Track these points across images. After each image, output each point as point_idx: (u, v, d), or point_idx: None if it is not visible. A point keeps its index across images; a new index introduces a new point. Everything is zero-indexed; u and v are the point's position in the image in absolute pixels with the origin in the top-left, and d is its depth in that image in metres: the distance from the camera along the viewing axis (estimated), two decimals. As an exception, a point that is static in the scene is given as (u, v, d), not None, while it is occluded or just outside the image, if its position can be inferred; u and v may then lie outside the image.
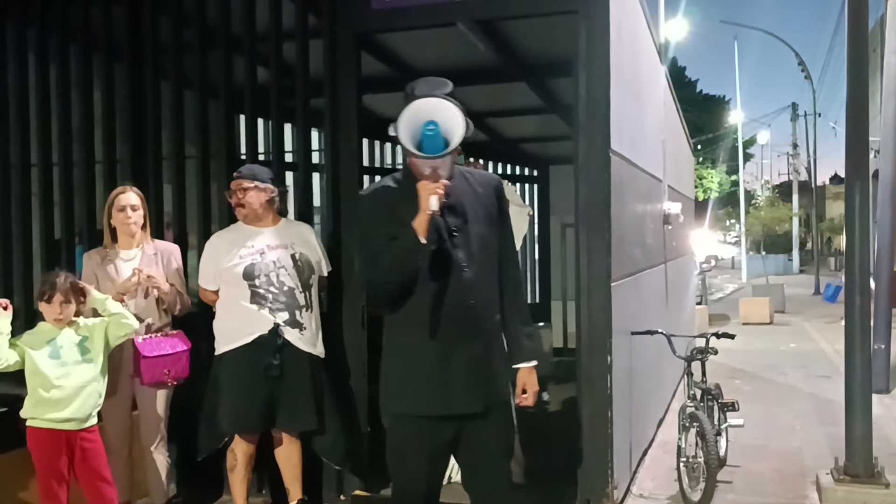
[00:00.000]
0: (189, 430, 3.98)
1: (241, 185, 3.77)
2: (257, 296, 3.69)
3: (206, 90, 4.44)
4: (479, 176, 2.83)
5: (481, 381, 2.65)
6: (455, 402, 2.61)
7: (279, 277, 3.72)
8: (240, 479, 3.81)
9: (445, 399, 2.61)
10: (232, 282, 3.73)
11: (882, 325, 7.36)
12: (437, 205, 2.49)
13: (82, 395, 3.36)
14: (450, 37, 4.62)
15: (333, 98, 4.23)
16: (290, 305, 3.74)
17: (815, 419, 6.35)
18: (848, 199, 4.54)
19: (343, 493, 4.25)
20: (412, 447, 2.68)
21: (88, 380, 3.38)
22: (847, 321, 4.48)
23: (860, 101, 4.63)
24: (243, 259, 3.72)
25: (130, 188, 3.89)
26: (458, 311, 2.61)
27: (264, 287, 3.70)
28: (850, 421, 4.43)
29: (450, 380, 2.61)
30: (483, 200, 2.74)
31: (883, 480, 4.32)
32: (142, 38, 4.48)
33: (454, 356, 2.61)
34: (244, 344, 3.69)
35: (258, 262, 3.71)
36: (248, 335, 3.68)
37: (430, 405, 2.63)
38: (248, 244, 3.75)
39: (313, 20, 4.32)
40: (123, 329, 3.48)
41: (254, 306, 3.69)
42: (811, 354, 10.14)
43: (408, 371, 2.67)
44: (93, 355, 3.41)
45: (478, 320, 2.65)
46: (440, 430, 2.65)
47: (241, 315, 3.70)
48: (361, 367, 4.23)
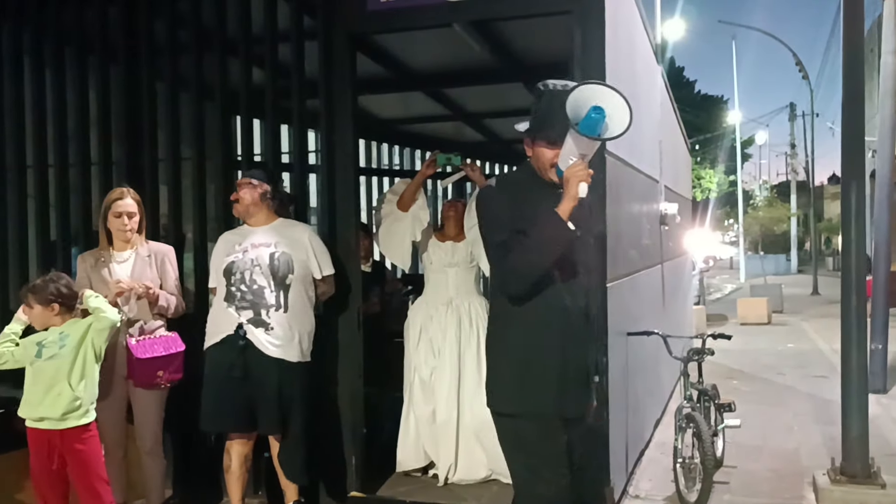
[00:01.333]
0: (185, 431, 3.97)
1: (239, 182, 3.85)
2: (230, 294, 3.72)
3: (201, 92, 4.44)
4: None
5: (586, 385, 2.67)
6: (569, 405, 2.61)
7: (252, 276, 3.70)
8: (235, 480, 3.81)
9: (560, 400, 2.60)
10: (218, 280, 3.79)
11: (879, 325, 7.36)
12: (585, 191, 2.42)
13: (51, 393, 3.33)
14: (445, 38, 4.62)
15: (329, 99, 4.23)
16: (255, 304, 3.68)
17: (812, 419, 6.35)
18: (844, 199, 4.54)
19: (339, 495, 4.24)
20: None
21: (55, 377, 3.33)
22: (843, 321, 4.48)
23: (856, 101, 4.63)
24: (229, 257, 3.75)
25: (128, 192, 3.87)
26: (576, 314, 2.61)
27: (237, 285, 3.71)
28: (847, 421, 4.43)
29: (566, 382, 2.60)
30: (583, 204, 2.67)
31: (879, 481, 4.31)
32: (137, 40, 4.47)
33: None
34: (214, 343, 3.72)
35: (238, 259, 3.73)
36: (218, 334, 3.71)
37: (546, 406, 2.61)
38: (241, 243, 3.78)
39: (308, 21, 4.32)
40: (102, 322, 3.41)
41: (224, 304, 3.71)
42: (809, 354, 10.14)
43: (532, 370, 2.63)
44: (65, 352, 3.35)
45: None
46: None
47: (217, 313, 3.77)
48: (357, 369, 4.23)
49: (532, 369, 2.59)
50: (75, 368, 3.36)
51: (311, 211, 4.72)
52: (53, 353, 3.35)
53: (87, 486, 3.41)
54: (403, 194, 4.54)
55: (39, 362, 3.36)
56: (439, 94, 6.30)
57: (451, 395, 4.48)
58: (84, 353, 3.39)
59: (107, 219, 3.82)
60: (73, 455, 3.37)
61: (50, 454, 3.35)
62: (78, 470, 3.39)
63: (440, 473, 4.49)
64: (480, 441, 4.43)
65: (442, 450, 4.49)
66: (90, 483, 3.41)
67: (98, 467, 3.45)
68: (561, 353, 2.58)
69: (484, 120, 7.42)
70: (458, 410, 4.49)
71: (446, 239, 4.69)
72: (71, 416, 3.35)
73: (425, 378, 4.54)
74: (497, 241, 2.58)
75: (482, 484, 4.45)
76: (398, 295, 5.93)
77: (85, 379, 3.39)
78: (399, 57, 5.37)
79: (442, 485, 4.45)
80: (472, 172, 4.55)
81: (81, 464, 3.39)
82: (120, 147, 4.52)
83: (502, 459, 4.37)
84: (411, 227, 4.56)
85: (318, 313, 3.99)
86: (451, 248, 4.64)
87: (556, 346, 2.58)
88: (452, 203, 4.80)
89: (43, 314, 3.38)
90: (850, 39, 4.64)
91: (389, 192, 4.72)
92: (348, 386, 4.19)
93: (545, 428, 2.60)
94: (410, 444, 4.57)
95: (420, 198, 4.58)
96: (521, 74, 5.61)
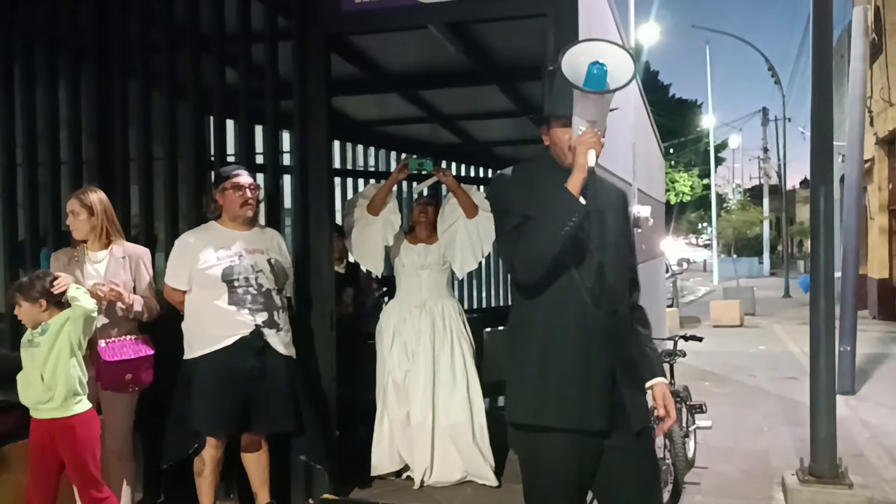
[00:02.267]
0: (156, 435, 3.93)
1: (248, 181, 3.76)
2: (236, 297, 3.67)
3: (174, 91, 4.40)
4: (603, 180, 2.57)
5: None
6: (593, 416, 2.36)
7: (258, 280, 3.71)
8: (207, 485, 3.77)
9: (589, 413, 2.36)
10: (207, 283, 3.68)
11: (848, 328, 7.47)
12: (594, 160, 2.25)
13: (23, 381, 3.33)
14: (421, 39, 4.61)
15: (303, 100, 4.21)
16: (268, 306, 3.73)
17: (782, 421, 6.43)
18: (813, 203, 4.60)
19: (312, 497, 4.22)
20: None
21: (31, 366, 3.31)
22: (812, 324, 4.54)
23: (825, 106, 4.70)
24: (221, 261, 3.68)
25: (87, 192, 3.78)
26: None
27: (243, 288, 3.67)
28: (815, 422, 4.49)
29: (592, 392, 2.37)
30: (612, 198, 2.53)
31: (847, 481, 4.38)
32: (109, 38, 4.42)
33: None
34: (225, 346, 3.64)
35: (236, 264, 3.69)
36: (228, 337, 3.65)
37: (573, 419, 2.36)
38: (226, 246, 3.72)
39: (283, 21, 4.29)
40: (76, 311, 3.35)
41: (233, 307, 3.66)
42: (780, 356, 10.27)
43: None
44: (42, 340, 3.31)
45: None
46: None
47: (220, 317, 3.66)
48: (331, 371, 4.21)
49: (550, 375, 2.35)
50: (49, 359, 3.30)
51: (285, 212, 4.70)
52: (31, 340, 3.34)
53: (76, 482, 3.35)
54: (374, 198, 4.51)
55: (23, 350, 3.36)
56: (414, 96, 6.29)
57: (427, 398, 4.47)
58: (59, 343, 3.32)
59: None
60: (61, 449, 3.31)
61: (39, 445, 3.32)
62: (67, 467, 3.34)
63: (416, 476, 4.48)
64: (455, 443, 4.44)
65: (417, 453, 4.48)
66: (76, 480, 3.34)
67: (84, 466, 3.33)
68: (584, 357, 2.34)
69: (459, 122, 7.41)
70: (433, 413, 4.48)
71: (418, 241, 4.68)
72: (43, 407, 3.31)
73: (399, 381, 4.53)
74: (508, 228, 2.41)
75: (457, 486, 4.45)
76: (372, 297, 5.91)
77: (58, 370, 3.30)
78: (374, 58, 5.35)
79: (417, 487, 4.45)
80: (445, 177, 4.55)
81: (66, 459, 3.32)
82: (91, 146, 4.47)
83: (476, 461, 4.43)
84: (383, 231, 4.54)
85: (291, 314, 3.98)
86: (423, 250, 4.64)
87: (578, 349, 2.34)
88: (423, 206, 4.78)
89: (31, 311, 3.35)
90: (819, 46, 4.72)
91: (360, 196, 4.69)
92: (321, 388, 4.17)
93: (564, 445, 2.34)
94: (385, 448, 4.56)
95: (391, 201, 4.56)
96: (496, 77, 5.62)
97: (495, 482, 4.43)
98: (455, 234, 4.59)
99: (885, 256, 15.10)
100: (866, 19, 8.46)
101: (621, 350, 2.40)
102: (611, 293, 2.39)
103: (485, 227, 4.53)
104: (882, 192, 15.22)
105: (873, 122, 14.64)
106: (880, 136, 14.80)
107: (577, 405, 2.33)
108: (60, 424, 3.31)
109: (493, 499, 4.31)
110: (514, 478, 4.51)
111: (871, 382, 8.23)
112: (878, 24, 13.97)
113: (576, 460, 2.36)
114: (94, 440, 3.39)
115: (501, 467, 4.55)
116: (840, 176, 13.07)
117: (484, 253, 4.64)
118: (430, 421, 4.47)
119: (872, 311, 14.92)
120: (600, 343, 2.35)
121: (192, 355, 3.71)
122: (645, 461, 2.45)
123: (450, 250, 4.60)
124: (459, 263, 4.62)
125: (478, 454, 4.45)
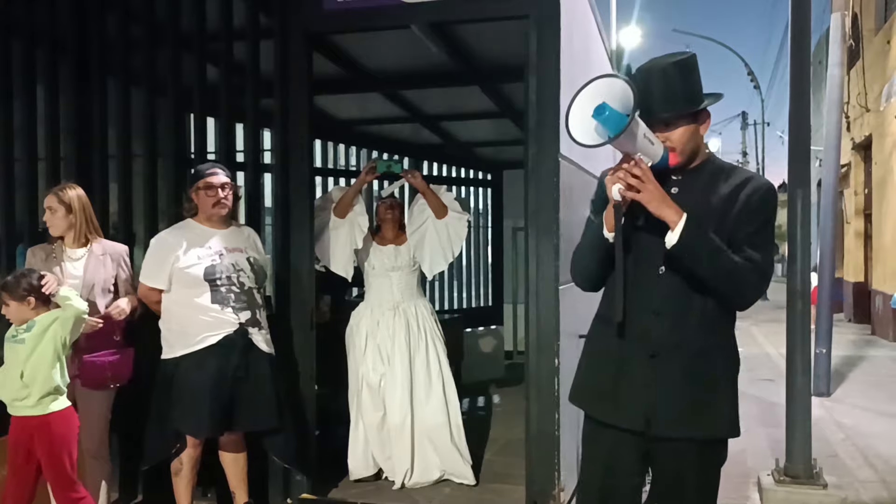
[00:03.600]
0: (133, 435, 3.90)
1: (221, 181, 3.71)
2: (219, 296, 3.64)
3: (154, 88, 4.37)
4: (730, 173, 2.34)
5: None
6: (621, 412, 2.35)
7: (239, 278, 3.70)
8: (185, 484, 3.74)
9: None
10: (188, 282, 3.64)
11: (823, 330, 7.55)
12: (618, 195, 2.13)
13: (1, 377, 3.30)
14: (403, 39, 4.61)
15: (284, 98, 4.19)
16: (251, 305, 3.72)
17: (758, 422, 6.49)
18: (790, 207, 4.64)
19: (290, 497, 4.21)
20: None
21: (12, 362, 3.26)
22: (789, 326, 4.59)
23: (803, 111, 4.75)
24: (202, 260, 3.65)
25: (58, 189, 3.73)
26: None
27: (226, 287, 3.65)
28: (791, 423, 4.54)
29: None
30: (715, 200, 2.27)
31: (821, 481, 4.43)
32: (88, 33, 4.38)
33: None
34: (209, 345, 3.61)
35: (217, 263, 3.66)
36: (212, 336, 3.62)
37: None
38: (205, 245, 3.69)
39: (264, 19, 4.28)
40: (68, 311, 3.32)
41: (216, 306, 3.63)
42: (757, 358, 10.35)
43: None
44: (27, 337, 3.27)
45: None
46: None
47: (203, 316, 3.63)
48: (310, 370, 4.20)
49: (591, 364, 2.46)
50: (32, 357, 3.25)
51: (266, 211, 4.68)
52: (15, 336, 3.30)
53: (51, 481, 3.30)
54: (341, 200, 4.46)
55: (6, 345, 3.32)
56: (396, 96, 6.29)
57: (405, 400, 4.44)
58: (45, 343, 3.27)
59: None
60: (38, 447, 3.27)
61: (15, 442, 3.28)
62: (43, 466, 3.30)
63: (396, 479, 4.46)
64: (433, 443, 4.44)
65: (396, 456, 4.46)
66: (52, 479, 3.29)
67: (60, 465, 3.29)
68: (618, 356, 2.34)
69: (441, 122, 7.43)
70: (411, 415, 4.46)
71: (387, 242, 4.64)
72: (20, 404, 3.27)
73: (374, 384, 4.48)
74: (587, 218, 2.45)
75: (434, 486, 4.45)
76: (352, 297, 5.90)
77: (39, 370, 3.25)
78: (356, 57, 5.35)
79: (398, 488, 4.43)
80: (414, 179, 4.52)
81: (42, 457, 3.28)
82: (69, 142, 4.42)
83: (454, 460, 4.44)
84: (350, 234, 4.48)
85: (269, 313, 3.96)
86: (393, 251, 4.60)
87: (615, 349, 2.34)
88: (389, 205, 4.69)
89: (19, 309, 3.31)
90: (797, 52, 4.76)
91: (325, 200, 4.60)
92: (300, 387, 4.16)
93: (594, 429, 2.44)
94: (360, 453, 4.51)
95: (358, 204, 4.50)
96: (478, 78, 5.64)
97: (473, 481, 4.44)
98: (424, 234, 4.56)
99: (860, 260, 15.29)
100: (844, 26, 8.56)
101: (672, 349, 2.27)
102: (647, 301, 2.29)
103: (454, 228, 4.52)
104: (858, 196, 15.41)
105: (850, 128, 14.83)
106: (857, 142, 14.99)
107: (608, 398, 2.35)
108: (37, 422, 3.27)
109: (472, 497, 4.32)
110: (491, 476, 4.55)
111: (846, 385, 8.32)
112: (855, 30, 14.16)
113: (601, 445, 2.40)
114: (72, 439, 3.35)
115: (479, 466, 4.57)
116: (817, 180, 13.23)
117: (454, 254, 4.60)
118: (410, 423, 4.44)
119: (848, 314, 15.10)
120: (636, 345, 2.29)
121: (173, 355, 3.67)
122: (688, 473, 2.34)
123: (419, 251, 4.57)
124: (429, 264, 4.59)
125: (456, 453, 4.45)
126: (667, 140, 2.23)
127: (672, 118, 2.24)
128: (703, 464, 2.35)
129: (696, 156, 2.32)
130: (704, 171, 2.32)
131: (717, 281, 2.19)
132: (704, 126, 2.31)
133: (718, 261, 2.16)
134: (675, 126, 2.24)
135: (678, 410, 2.27)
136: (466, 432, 4.56)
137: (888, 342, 11.97)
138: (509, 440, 5.33)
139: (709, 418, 2.28)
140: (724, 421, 2.31)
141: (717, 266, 2.16)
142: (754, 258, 2.20)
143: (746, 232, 2.21)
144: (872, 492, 4.68)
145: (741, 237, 2.21)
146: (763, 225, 2.24)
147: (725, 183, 2.28)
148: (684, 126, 2.25)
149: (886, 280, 12.75)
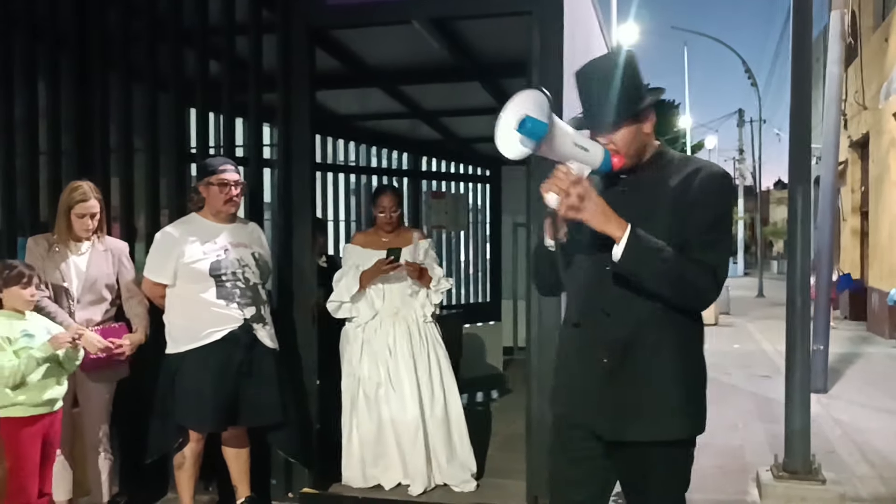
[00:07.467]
0: (134, 428, 3.91)
1: (234, 178, 3.71)
2: (224, 291, 3.64)
3: (156, 82, 4.36)
4: (682, 164, 2.28)
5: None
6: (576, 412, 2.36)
7: (244, 274, 3.71)
8: (188, 478, 3.75)
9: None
10: (194, 278, 3.63)
11: (821, 327, 7.58)
12: (554, 203, 2.07)
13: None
14: (404, 34, 4.62)
15: (286, 93, 4.19)
16: (256, 301, 3.74)
17: (756, 417, 6.51)
18: (791, 204, 4.66)
19: (291, 491, 4.22)
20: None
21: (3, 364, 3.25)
22: (788, 322, 4.60)
23: (803, 109, 4.76)
24: (207, 255, 3.64)
25: (91, 190, 3.70)
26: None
27: (231, 282, 3.66)
28: (790, 419, 4.56)
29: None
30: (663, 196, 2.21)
31: (820, 477, 4.45)
32: (89, 27, 4.38)
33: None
34: (214, 340, 3.61)
35: (223, 258, 3.66)
36: (217, 331, 3.62)
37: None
38: (211, 240, 3.68)
39: (267, 14, 4.27)
40: (69, 364, 3.43)
41: (221, 301, 3.64)
42: (754, 355, 10.39)
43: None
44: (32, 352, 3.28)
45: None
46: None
47: (209, 311, 3.63)
48: (312, 364, 4.21)
49: (557, 367, 2.44)
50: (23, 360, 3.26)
51: (267, 206, 4.67)
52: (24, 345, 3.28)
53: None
54: (362, 285, 4.30)
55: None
56: (397, 91, 6.29)
57: (415, 410, 4.23)
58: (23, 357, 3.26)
59: (69, 217, 3.66)
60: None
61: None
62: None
63: (416, 490, 4.20)
64: (437, 449, 4.29)
65: (412, 466, 4.23)
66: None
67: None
68: (576, 356, 2.34)
69: (441, 118, 7.43)
70: (423, 425, 4.24)
71: (382, 246, 4.40)
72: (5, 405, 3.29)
73: (371, 394, 4.27)
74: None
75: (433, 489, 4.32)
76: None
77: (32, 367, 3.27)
78: (358, 52, 5.35)
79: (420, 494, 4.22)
80: (409, 269, 4.29)
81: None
82: (69, 136, 4.42)
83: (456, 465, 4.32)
84: (356, 275, 4.33)
85: (272, 307, 3.97)
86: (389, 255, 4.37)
87: (575, 347, 2.34)
88: (384, 206, 4.40)
89: (35, 289, 3.36)
90: (798, 49, 4.77)
91: (338, 298, 4.36)
92: (302, 381, 4.16)
93: (559, 430, 2.41)
94: (355, 464, 4.32)
95: None
96: (479, 73, 5.64)
97: (474, 484, 4.34)
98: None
99: (856, 258, 15.34)
100: (843, 23, 8.57)
101: (621, 349, 2.22)
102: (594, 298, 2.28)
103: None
104: (855, 194, 15.45)
105: (847, 126, 14.86)
106: (854, 139, 15.02)
107: (567, 399, 2.37)
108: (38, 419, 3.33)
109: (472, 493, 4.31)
110: (492, 472, 4.55)
111: (843, 381, 8.35)
112: (853, 28, 14.18)
113: (566, 448, 2.37)
114: (13, 449, 3.32)
115: (481, 469, 4.50)
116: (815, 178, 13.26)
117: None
118: (423, 434, 4.24)
119: (844, 311, 15.15)
120: (589, 346, 2.27)
121: (178, 350, 3.66)
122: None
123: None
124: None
125: (457, 459, 4.33)
126: (610, 143, 2.18)
127: (613, 120, 2.18)
128: (666, 463, 2.27)
129: (643, 154, 2.27)
130: (655, 166, 2.28)
131: (665, 288, 2.14)
132: (648, 124, 2.24)
133: (666, 267, 2.10)
134: (616, 128, 2.19)
135: (630, 413, 2.21)
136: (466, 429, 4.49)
137: (884, 339, 12.01)
138: (508, 435, 5.35)
139: (663, 419, 2.21)
140: (678, 420, 2.24)
141: (665, 273, 2.10)
142: (706, 260, 2.14)
143: (699, 229, 2.14)
144: (870, 487, 4.71)
145: (693, 234, 2.14)
146: (718, 220, 2.18)
147: (677, 175, 2.22)
148: (626, 127, 2.19)
149: (883, 277, 12.79)
